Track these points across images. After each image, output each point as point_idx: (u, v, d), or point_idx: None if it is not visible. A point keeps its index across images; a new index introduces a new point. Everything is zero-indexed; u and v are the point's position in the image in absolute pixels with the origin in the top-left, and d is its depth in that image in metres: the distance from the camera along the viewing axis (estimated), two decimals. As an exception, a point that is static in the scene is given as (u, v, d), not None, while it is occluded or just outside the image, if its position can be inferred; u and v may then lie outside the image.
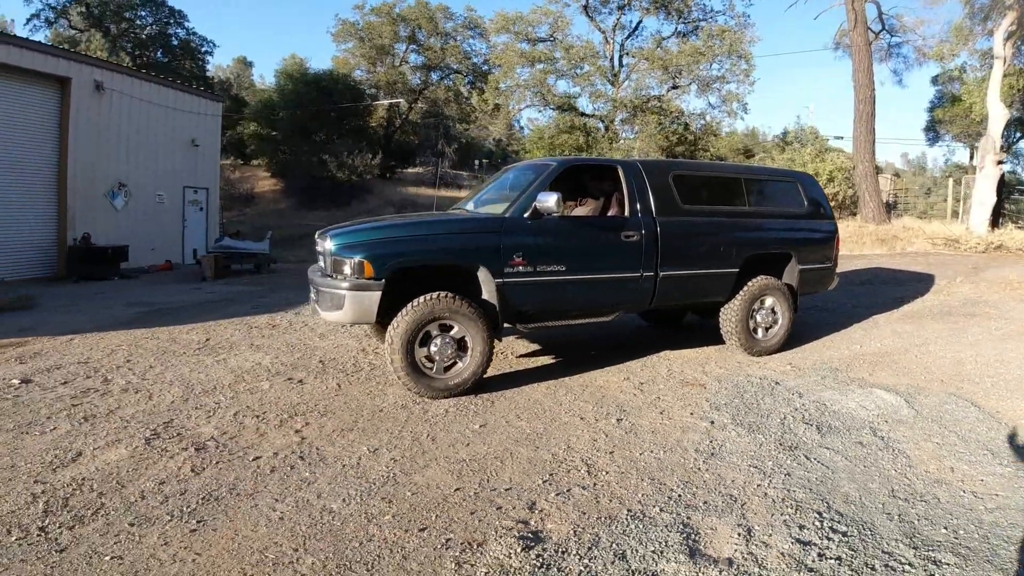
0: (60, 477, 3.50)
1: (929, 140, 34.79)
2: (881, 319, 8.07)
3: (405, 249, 4.76)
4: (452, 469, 3.60)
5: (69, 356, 6.47)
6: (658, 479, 3.46)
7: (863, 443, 4.05)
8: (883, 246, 15.90)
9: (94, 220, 14.37)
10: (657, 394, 5.00)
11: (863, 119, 19.44)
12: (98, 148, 14.52)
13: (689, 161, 15.17)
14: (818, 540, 2.88)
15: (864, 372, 5.68)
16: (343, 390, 5.17)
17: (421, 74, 34.83)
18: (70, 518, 3.04)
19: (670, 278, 5.60)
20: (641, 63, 23.92)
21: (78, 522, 3.00)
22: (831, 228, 6.82)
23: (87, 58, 15.76)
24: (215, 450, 3.90)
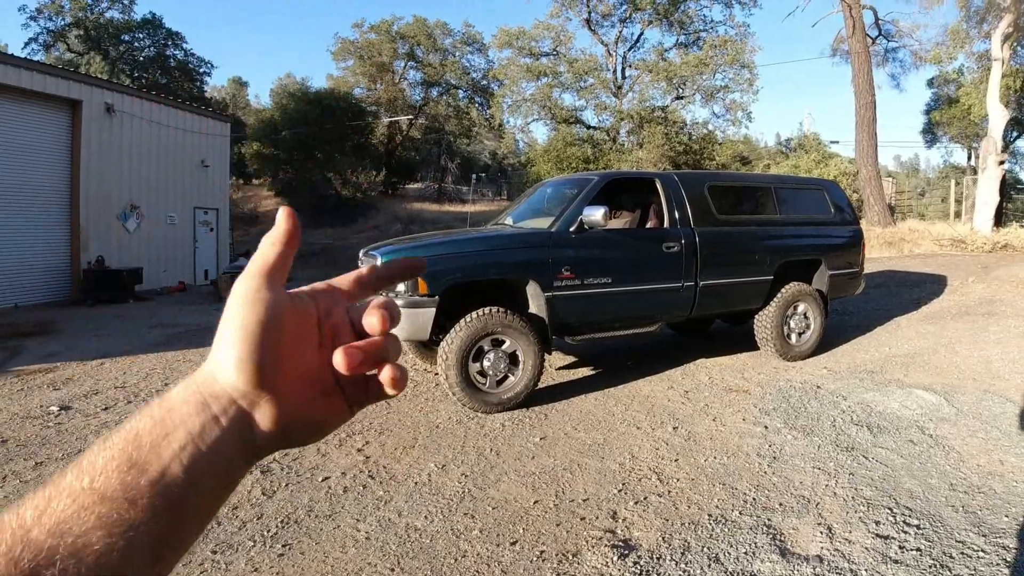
0: None
1: (927, 142, 35.14)
2: (903, 321, 8.20)
3: (459, 265, 4.87)
4: (525, 482, 3.69)
5: (104, 380, 6.52)
6: (729, 484, 3.56)
7: (914, 441, 4.16)
8: (891, 248, 16.07)
9: (107, 242, 14.41)
10: (705, 402, 5.10)
11: (864, 124, 19.68)
12: (109, 170, 14.57)
13: (722, 172, 15.33)
14: (895, 534, 2.99)
15: (899, 373, 5.79)
16: (394, 407, 5.25)
17: (421, 90, 35.11)
18: None
19: (709, 287, 5.72)
20: (644, 75, 24.23)
21: None
22: (857, 233, 6.97)
23: (98, 80, 15.88)
24: (281, 472, 3.94)
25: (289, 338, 0.43)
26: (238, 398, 0.42)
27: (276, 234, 0.45)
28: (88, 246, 13.95)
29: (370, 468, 3.99)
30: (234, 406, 0.42)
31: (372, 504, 3.48)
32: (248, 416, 0.43)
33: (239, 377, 0.41)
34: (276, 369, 0.42)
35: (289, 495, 3.63)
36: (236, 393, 0.42)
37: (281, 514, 3.37)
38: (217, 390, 0.42)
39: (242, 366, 0.41)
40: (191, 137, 17.14)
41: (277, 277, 0.44)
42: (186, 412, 0.41)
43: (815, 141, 25.44)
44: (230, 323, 0.42)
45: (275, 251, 0.44)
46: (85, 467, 0.38)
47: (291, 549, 3.02)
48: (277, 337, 0.42)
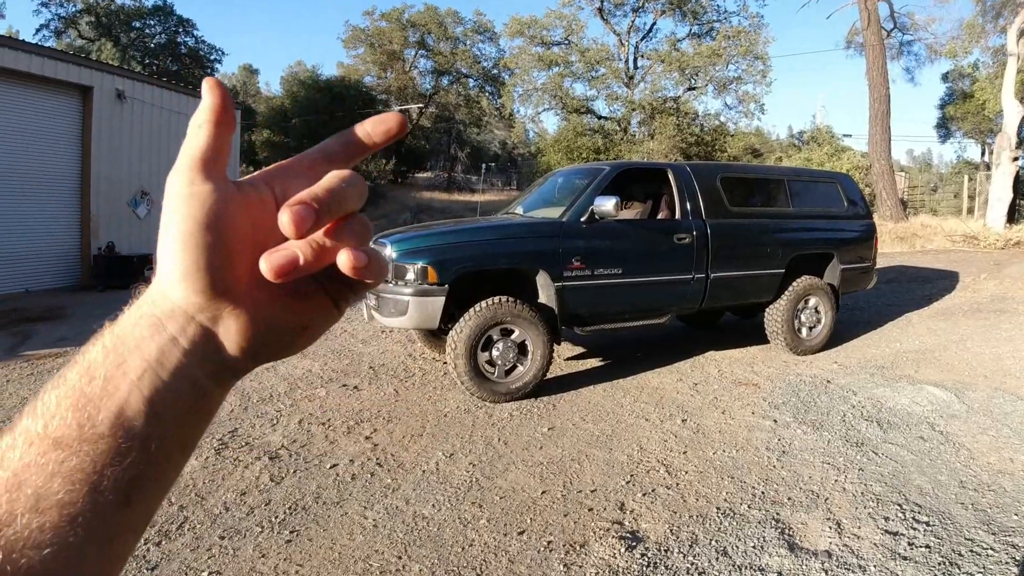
0: None
1: (941, 137, 34.82)
2: (914, 317, 8.13)
3: (469, 254, 4.86)
4: (533, 472, 3.69)
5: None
6: (738, 478, 3.55)
7: (924, 438, 4.13)
8: (903, 244, 15.94)
9: (118, 229, 14.44)
10: (713, 394, 5.08)
11: (878, 118, 19.48)
12: (120, 157, 14.58)
13: (735, 164, 15.27)
14: (905, 530, 2.97)
15: (910, 369, 5.75)
16: (401, 396, 5.26)
17: (431, 79, 35.00)
18: (155, 534, 2.98)
19: (720, 279, 5.69)
20: (656, 65, 24.04)
21: (164, 538, 2.96)
22: (870, 227, 6.91)
23: (109, 67, 15.86)
24: (289, 459, 3.94)
25: (241, 235, 0.37)
26: (195, 314, 0.36)
27: (202, 112, 0.37)
28: (99, 232, 13.98)
29: (378, 456, 3.99)
30: (192, 324, 0.36)
31: (380, 492, 3.49)
32: (211, 333, 0.37)
33: (189, 291, 0.36)
34: (231, 275, 0.36)
35: (297, 482, 3.63)
36: (191, 309, 0.36)
37: (289, 500, 3.37)
38: (169, 308, 0.36)
39: (189, 278, 0.35)
40: (202, 124, 17.05)
41: (213, 165, 0.37)
42: (139, 336, 0.36)
43: (828, 134, 25.20)
44: (167, 231, 0.36)
45: (204, 134, 0.36)
46: (39, 410, 0.34)
47: (299, 535, 3.03)
48: (225, 237, 0.36)
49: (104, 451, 0.34)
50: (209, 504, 3.32)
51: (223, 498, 3.39)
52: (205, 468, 3.79)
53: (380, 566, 2.77)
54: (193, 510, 3.25)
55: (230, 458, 3.95)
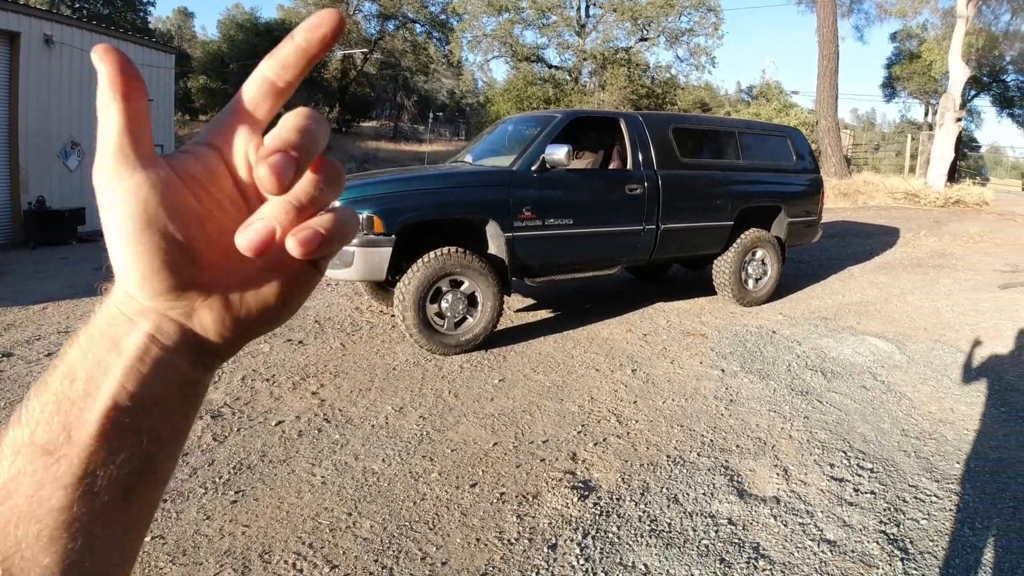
0: None
1: (886, 96, 35.60)
2: (856, 270, 8.36)
3: (417, 203, 4.68)
4: (484, 424, 3.64)
5: (47, 326, 6.20)
6: (687, 426, 3.57)
7: (867, 387, 4.25)
8: (846, 200, 16.36)
9: (48, 182, 13.60)
10: (663, 345, 5.11)
11: (826, 75, 19.71)
12: (49, 106, 13.63)
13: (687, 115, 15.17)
14: (850, 477, 3.04)
15: (852, 321, 5.90)
16: (348, 350, 5.12)
17: (376, 23, 33.66)
18: None
19: (670, 231, 5.67)
20: (608, 14, 23.61)
21: None
22: (817, 182, 6.99)
23: (36, 10, 14.65)
24: (232, 417, 3.80)
25: (193, 219, 0.32)
26: (165, 311, 0.33)
27: (104, 89, 0.31)
28: (28, 186, 13.14)
29: (325, 412, 3.88)
30: (166, 320, 0.34)
31: (328, 448, 3.39)
32: (186, 327, 0.34)
33: (152, 293, 0.32)
34: (193, 266, 0.33)
35: (241, 440, 3.49)
36: (161, 308, 0.33)
37: (233, 460, 3.25)
38: (139, 308, 0.33)
39: (147, 282, 0.32)
40: (135, 70, 16.05)
41: (137, 149, 0.31)
42: (115, 334, 0.33)
43: (776, 90, 25.47)
44: (109, 232, 0.32)
45: (114, 114, 0.31)
46: (24, 418, 0.33)
47: (244, 495, 2.92)
48: (174, 229, 0.32)
49: (94, 452, 0.32)
50: None
51: None
52: None
53: (330, 523, 2.69)
54: None
55: None
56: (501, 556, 2.45)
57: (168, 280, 0.32)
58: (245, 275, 0.35)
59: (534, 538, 2.56)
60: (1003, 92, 30.51)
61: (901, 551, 2.49)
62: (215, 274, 0.34)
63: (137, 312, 0.33)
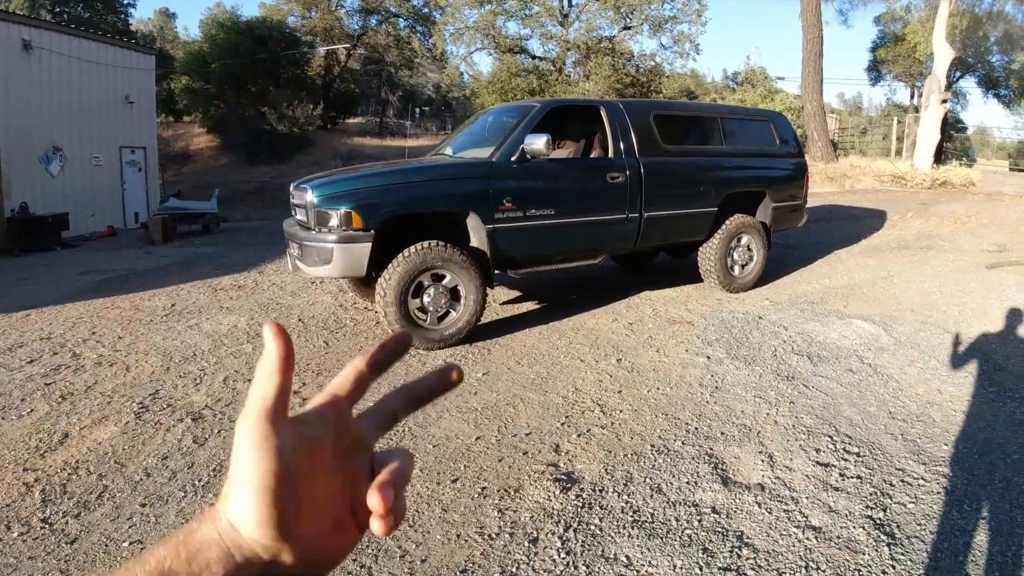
0: (51, 462, 3.21)
1: (871, 80, 35.57)
2: (843, 254, 8.34)
3: (395, 197, 4.61)
4: (467, 418, 3.59)
5: (29, 333, 6.10)
6: (671, 414, 3.53)
7: (853, 370, 4.22)
8: (833, 184, 16.35)
9: (30, 188, 13.47)
10: (648, 333, 5.07)
11: (811, 59, 19.65)
12: (29, 111, 13.49)
13: (669, 101, 15.08)
14: (836, 462, 3.00)
15: (838, 304, 5.88)
16: (332, 347, 5.06)
17: (359, 18, 33.40)
18: (73, 505, 2.80)
19: (654, 219, 5.62)
20: (591, 3, 23.45)
21: (83, 509, 2.78)
22: (802, 165, 6.96)
23: (13, 16, 14.53)
24: (213, 419, 3.75)
25: (306, 481, 0.40)
26: (261, 552, 0.39)
27: (271, 361, 0.40)
28: (11, 192, 12.99)
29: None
30: (257, 558, 0.39)
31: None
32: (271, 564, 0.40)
33: (262, 536, 0.39)
34: (297, 520, 0.39)
35: (222, 442, 3.44)
36: (259, 547, 0.39)
37: (213, 462, 3.20)
38: (240, 542, 0.39)
39: (264, 528, 0.38)
40: (114, 72, 15.89)
41: (283, 414, 0.40)
42: (211, 557, 0.38)
43: (761, 76, 25.42)
44: (243, 479, 0.38)
45: (275, 383, 0.40)
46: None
47: None
48: (294, 486, 0.39)
49: None
50: (129, 471, 3.12)
51: (144, 464, 3.20)
52: (125, 434, 3.57)
53: (305, 523, 2.63)
54: (113, 478, 3.05)
55: (151, 422, 3.73)
56: (481, 552, 2.41)
57: (281, 529, 0.38)
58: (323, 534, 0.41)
59: (515, 532, 2.51)
60: (988, 73, 30.55)
61: (888, 536, 2.46)
62: (306, 529, 0.40)
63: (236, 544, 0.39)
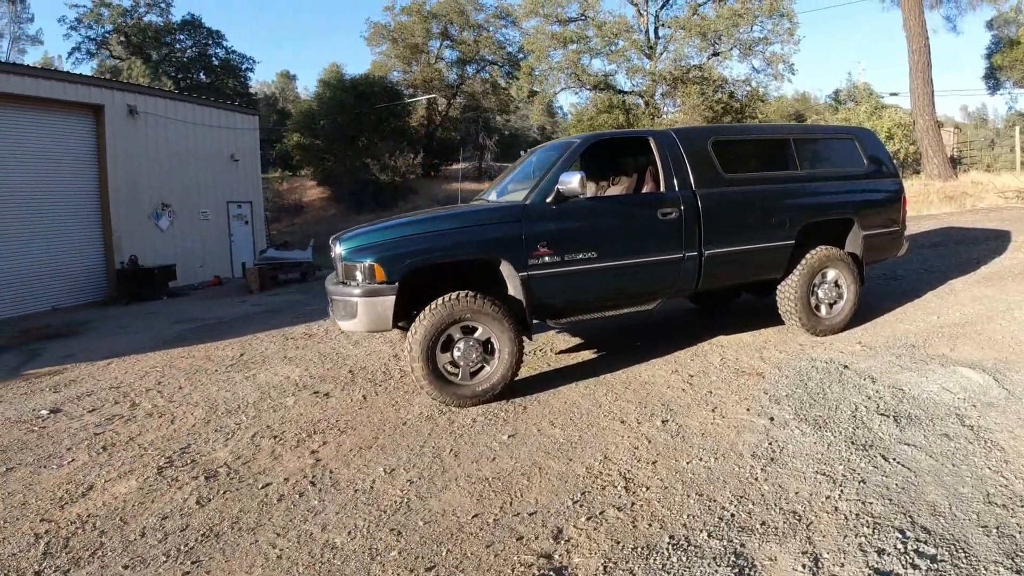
0: (67, 514, 3.32)
1: (989, 88, 32.42)
2: (958, 284, 7.27)
3: (417, 248, 4.37)
4: (473, 490, 3.22)
5: (103, 381, 6.40)
6: (707, 494, 2.98)
7: (949, 435, 3.45)
8: (951, 203, 14.68)
9: (141, 241, 14.60)
10: (709, 388, 4.49)
11: (919, 70, 18.02)
12: (137, 171, 14.72)
13: (730, 125, 14.30)
14: (900, 569, 2.35)
15: (944, 347, 5.01)
16: (368, 401, 4.86)
17: (457, 69, 34.57)
18: (67, 561, 2.86)
19: (716, 256, 5.05)
20: (678, 32, 22.86)
21: (74, 565, 2.82)
22: (896, 187, 6.10)
23: (118, 84, 16.03)
24: (226, 477, 3.67)
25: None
26: None
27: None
28: (121, 246, 14.14)
29: (316, 473, 3.63)
30: None
31: (301, 516, 3.13)
32: None
33: None
34: None
35: (223, 504, 3.34)
36: None
37: (206, 526, 3.10)
38: None
39: None
40: (219, 132, 17.15)
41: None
42: None
43: (866, 91, 23.63)
44: None
45: None
46: None
47: (199, 566, 2.75)
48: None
49: None
50: (129, 529, 3.13)
51: (144, 523, 3.18)
52: (141, 489, 3.59)
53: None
54: (112, 535, 3.06)
55: (169, 478, 3.72)
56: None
57: None
58: None
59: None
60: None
61: None
62: None
63: None
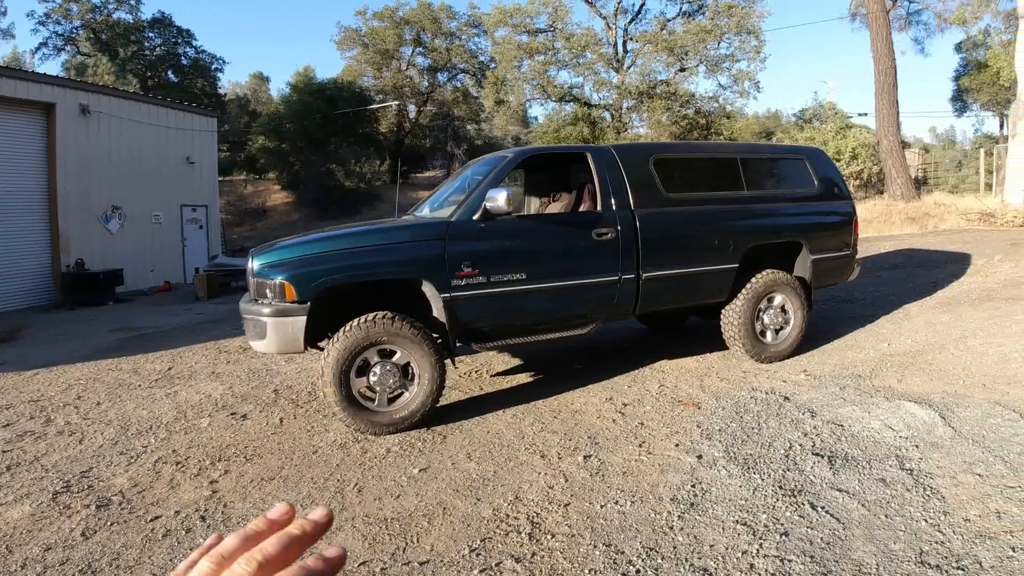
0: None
1: (956, 111, 33.15)
2: (913, 308, 7.16)
3: (332, 265, 4.07)
4: (368, 532, 2.93)
5: (25, 394, 6.02)
6: (616, 544, 2.72)
7: (886, 480, 3.24)
8: (914, 225, 14.76)
9: (90, 245, 14.06)
10: (641, 419, 4.25)
11: (885, 91, 18.20)
12: (88, 172, 14.19)
13: (675, 143, 14.16)
14: (817, 638, 2.12)
15: (892, 378, 4.84)
16: (284, 425, 4.55)
17: (428, 76, 34.28)
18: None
19: (655, 279, 4.84)
20: (646, 47, 22.83)
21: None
22: (848, 210, 5.96)
23: (71, 82, 15.49)
24: (117, 507, 3.38)
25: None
26: None
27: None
28: (68, 249, 13.60)
29: (208, 506, 3.34)
30: None
31: (181, 556, 2.84)
32: None
33: None
34: None
35: (107, 537, 3.07)
36: None
37: (85, 561, 2.85)
38: None
39: None
40: (175, 134, 16.66)
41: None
42: None
43: (831, 111, 23.84)
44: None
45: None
46: None
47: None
48: None
49: None
50: (11, 559, 2.92)
51: (27, 553, 2.94)
52: (33, 515, 3.34)
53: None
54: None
55: (62, 504, 3.45)
56: None
57: None
58: None
59: None
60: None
61: None
62: None
63: None
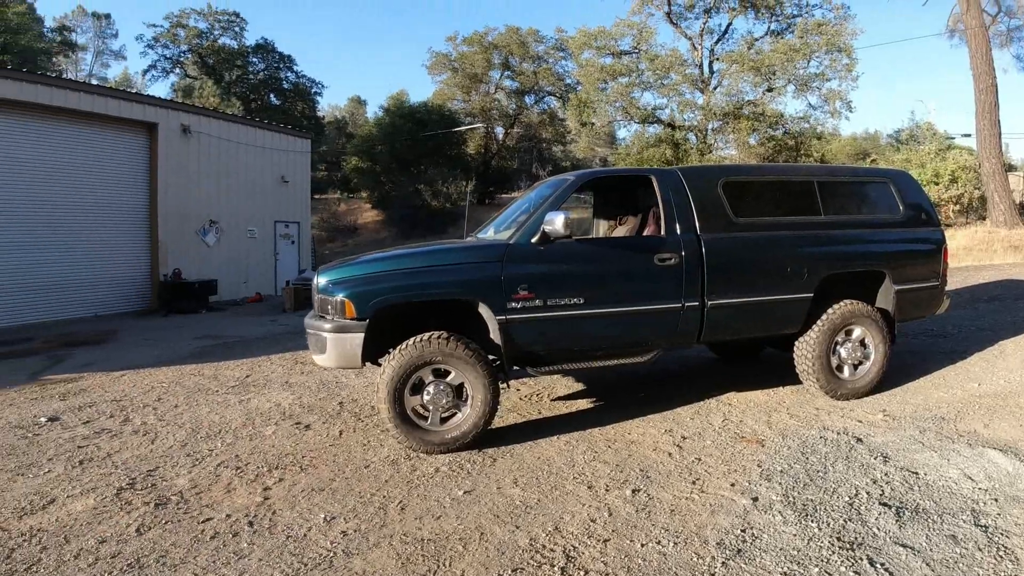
0: (21, 525, 3.34)
1: (1065, 130, 30.45)
2: (1009, 345, 6.59)
3: (392, 284, 4.17)
4: (402, 552, 2.94)
5: (109, 393, 6.45)
6: (651, 588, 2.61)
7: (956, 537, 2.94)
8: (1017, 254, 13.61)
9: (187, 256, 15.05)
10: (698, 454, 4.08)
11: (986, 111, 16.96)
12: (188, 188, 15.27)
13: (747, 165, 13.63)
14: None
15: (979, 422, 4.45)
16: (343, 438, 4.67)
17: (515, 99, 34.88)
18: (3, 572, 2.86)
19: (721, 308, 4.66)
20: (732, 67, 22.29)
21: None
22: (936, 237, 5.54)
23: (173, 103, 16.74)
24: (174, 507, 3.56)
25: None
26: None
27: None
28: (166, 259, 14.61)
29: (257, 513, 3.46)
30: None
31: (224, 559, 2.95)
32: None
33: None
34: None
35: (159, 534, 3.22)
36: None
37: (135, 556, 3.00)
38: None
39: None
40: (271, 154, 17.68)
41: None
42: None
43: (930, 131, 22.38)
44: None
45: None
46: None
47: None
48: None
49: None
50: (67, 549, 3.07)
51: (83, 544, 3.12)
52: (95, 509, 3.56)
53: None
54: (51, 552, 3.04)
55: (123, 500, 3.67)
56: None
57: None
58: None
59: None
60: None
61: None
62: None
63: None
